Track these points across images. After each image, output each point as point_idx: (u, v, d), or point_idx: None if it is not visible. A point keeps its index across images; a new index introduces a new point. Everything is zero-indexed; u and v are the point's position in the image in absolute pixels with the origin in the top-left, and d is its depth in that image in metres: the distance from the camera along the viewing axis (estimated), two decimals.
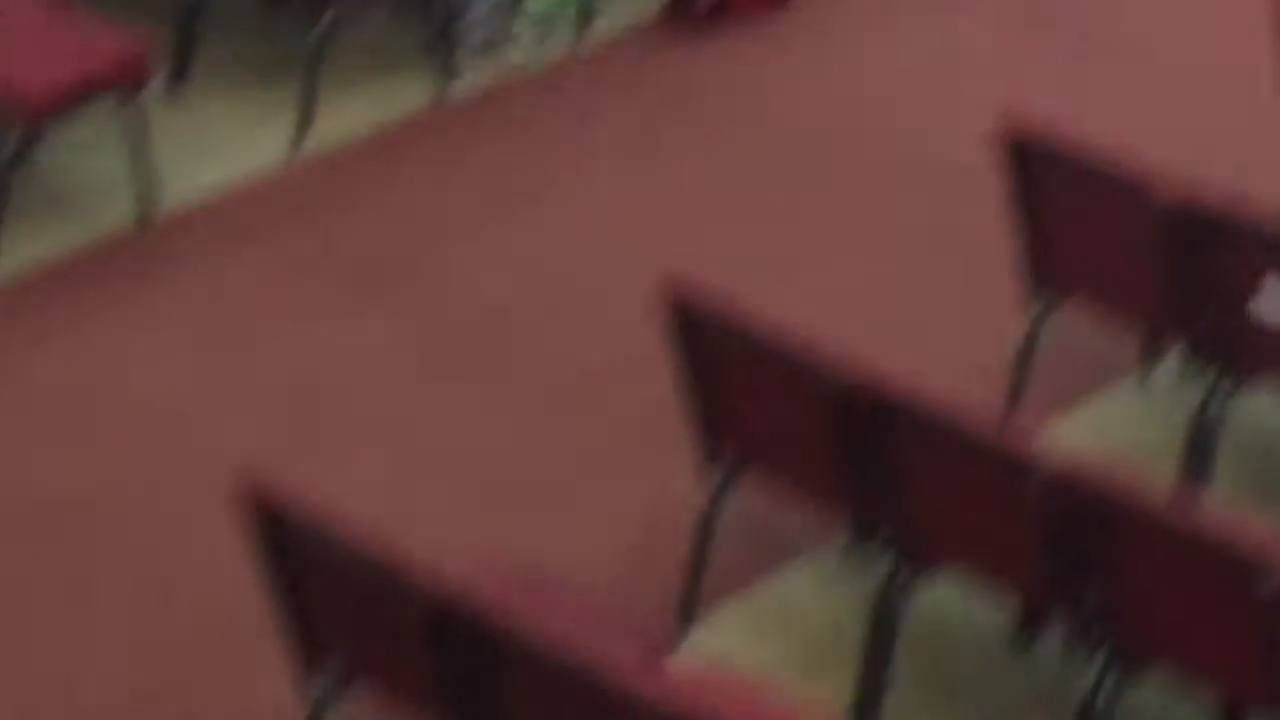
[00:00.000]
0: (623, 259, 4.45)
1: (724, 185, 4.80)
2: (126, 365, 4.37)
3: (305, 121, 5.00)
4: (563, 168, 4.93)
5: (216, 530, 3.55)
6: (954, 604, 3.45)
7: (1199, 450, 3.67)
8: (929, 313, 4.35)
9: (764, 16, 5.31)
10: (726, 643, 3.53)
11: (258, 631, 3.35)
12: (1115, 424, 4.08)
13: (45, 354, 4.40)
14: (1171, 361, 3.93)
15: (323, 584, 3.03)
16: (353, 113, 5.07)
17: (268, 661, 3.33)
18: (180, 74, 5.13)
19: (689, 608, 3.55)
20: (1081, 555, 3.03)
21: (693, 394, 3.46)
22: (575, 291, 4.52)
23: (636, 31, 5.32)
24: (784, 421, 3.35)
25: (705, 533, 3.51)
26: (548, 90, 5.21)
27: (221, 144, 5.00)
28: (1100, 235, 3.70)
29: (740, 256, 4.44)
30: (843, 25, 5.39)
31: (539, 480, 3.97)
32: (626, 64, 5.29)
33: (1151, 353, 3.99)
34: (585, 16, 5.28)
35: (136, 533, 3.89)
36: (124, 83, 4.63)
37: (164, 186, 4.76)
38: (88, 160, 4.87)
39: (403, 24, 5.21)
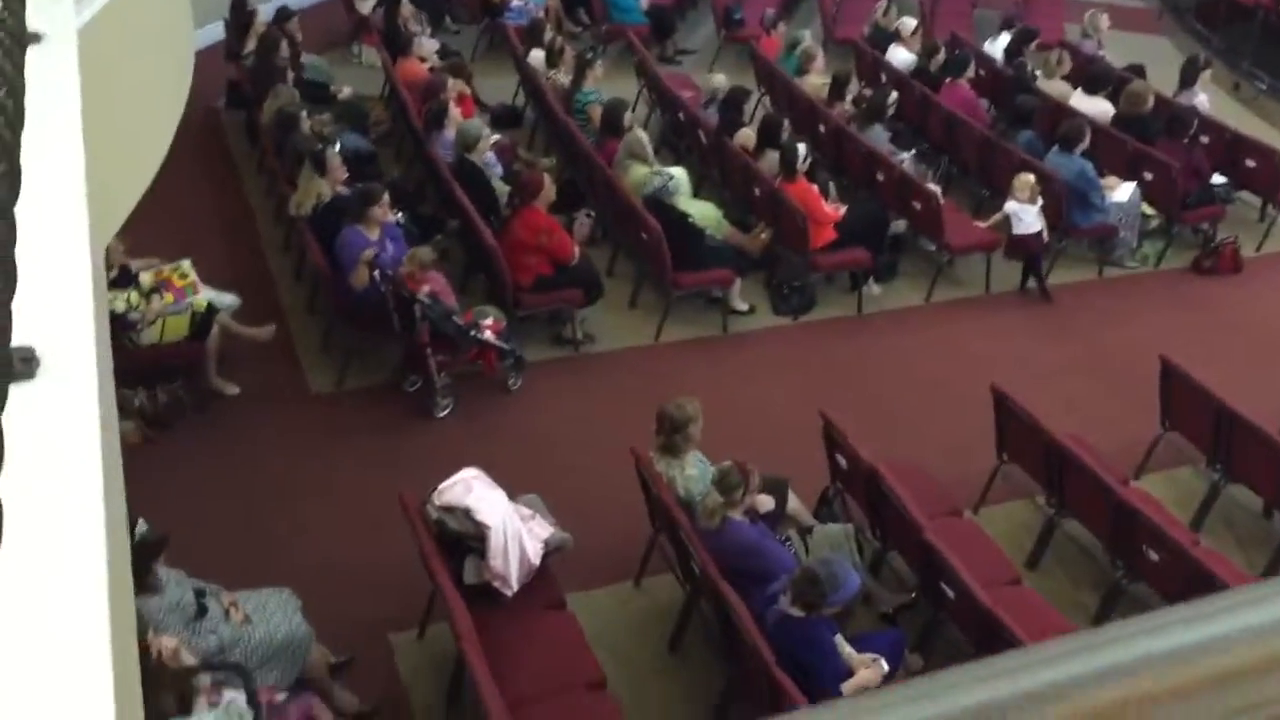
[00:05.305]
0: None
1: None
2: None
3: None
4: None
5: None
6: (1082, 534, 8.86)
7: None
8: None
9: (1233, 273, 12.37)
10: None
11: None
12: None
13: None
14: None
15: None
16: None
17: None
18: None
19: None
20: None
21: (998, 437, 9.21)
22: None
23: (1177, 272, 12.42)
24: (1024, 450, 9.03)
25: (989, 484, 9.25)
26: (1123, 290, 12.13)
27: None
28: None
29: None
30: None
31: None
32: (1171, 284, 12.24)
33: None
34: (1161, 256, 12.52)
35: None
36: None
37: None
38: None
39: None
